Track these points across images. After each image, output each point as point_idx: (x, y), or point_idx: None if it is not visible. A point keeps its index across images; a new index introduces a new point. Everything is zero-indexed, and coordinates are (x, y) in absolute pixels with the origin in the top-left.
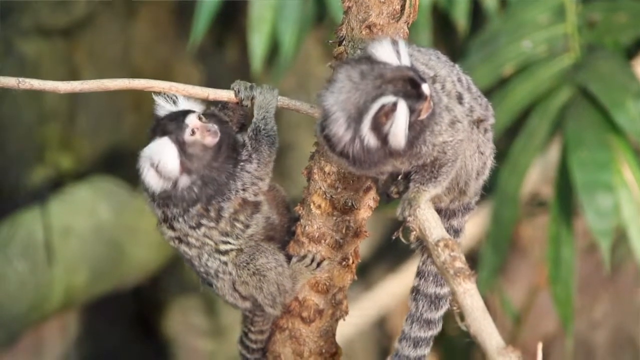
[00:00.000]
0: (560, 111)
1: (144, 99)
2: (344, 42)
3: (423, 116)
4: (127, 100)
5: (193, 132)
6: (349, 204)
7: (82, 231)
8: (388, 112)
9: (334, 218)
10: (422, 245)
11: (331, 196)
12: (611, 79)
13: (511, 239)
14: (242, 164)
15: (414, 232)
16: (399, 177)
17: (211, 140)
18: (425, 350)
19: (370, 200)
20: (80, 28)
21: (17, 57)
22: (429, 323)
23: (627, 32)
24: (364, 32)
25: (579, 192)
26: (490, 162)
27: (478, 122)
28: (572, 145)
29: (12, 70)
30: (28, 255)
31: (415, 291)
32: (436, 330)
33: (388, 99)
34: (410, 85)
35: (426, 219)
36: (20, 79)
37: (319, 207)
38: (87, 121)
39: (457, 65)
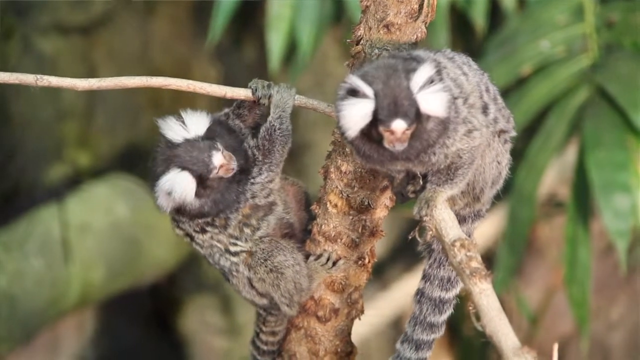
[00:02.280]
0: (578, 111)
1: (162, 97)
2: (362, 41)
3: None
4: (144, 98)
5: (217, 171)
6: (366, 203)
7: (99, 228)
8: None
9: (350, 217)
10: (429, 248)
11: (347, 195)
12: (629, 80)
13: (528, 239)
14: (252, 180)
15: (431, 232)
16: (416, 177)
17: (230, 173)
18: (427, 354)
19: (386, 199)
20: (99, 26)
21: (36, 54)
22: (432, 326)
23: None
24: (381, 32)
25: (596, 192)
26: (505, 173)
27: (500, 132)
28: (589, 145)
29: (30, 68)
30: (45, 253)
31: (419, 294)
32: (439, 333)
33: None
34: None
35: (443, 219)
36: (38, 76)
37: (336, 206)
38: (105, 119)
39: (486, 75)
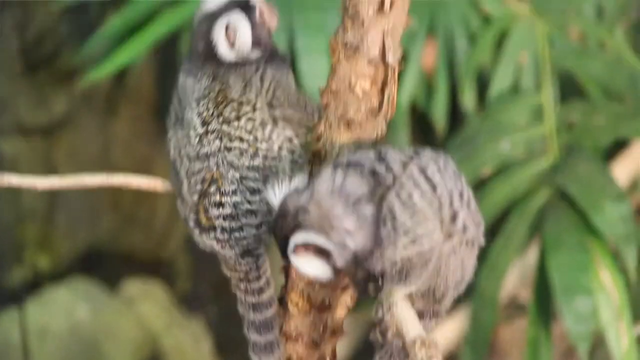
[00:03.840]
0: (538, 213)
1: (123, 198)
2: (322, 138)
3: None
4: (105, 199)
5: (261, 14)
6: (327, 302)
7: (59, 332)
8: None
9: (311, 316)
10: (381, 344)
11: (309, 294)
12: (590, 181)
13: (490, 342)
14: None
15: (391, 330)
16: (376, 277)
17: (274, 24)
18: None
19: (347, 298)
20: (60, 127)
21: None
22: None
23: (605, 134)
24: (342, 128)
25: (557, 295)
26: (469, 278)
27: (468, 241)
28: (550, 247)
29: None
30: (5, 358)
31: None
32: None
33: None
34: None
35: (404, 317)
36: None
37: (297, 305)
38: (65, 221)
39: (463, 178)
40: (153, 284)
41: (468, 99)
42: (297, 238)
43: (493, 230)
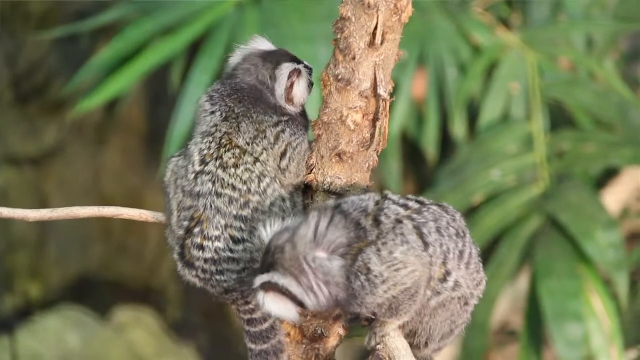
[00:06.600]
0: (529, 240)
1: (113, 227)
2: (314, 169)
3: None
4: (95, 228)
5: (310, 86)
6: (319, 331)
7: None
8: None
9: (303, 346)
10: None
11: (301, 324)
12: (580, 209)
13: None
14: None
15: None
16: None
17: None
18: None
19: (339, 328)
20: (50, 156)
21: None
22: None
23: (595, 162)
24: (333, 160)
25: (548, 321)
26: (459, 331)
27: (460, 297)
28: (541, 274)
29: None
30: None
31: None
32: None
33: None
34: None
35: (396, 347)
36: None
37: (289, 334)
38: (56, 250)
39: (468, 236)
40: (143, 311)
41: (458, 128)
42: (262, 277)
43: (484, 257)
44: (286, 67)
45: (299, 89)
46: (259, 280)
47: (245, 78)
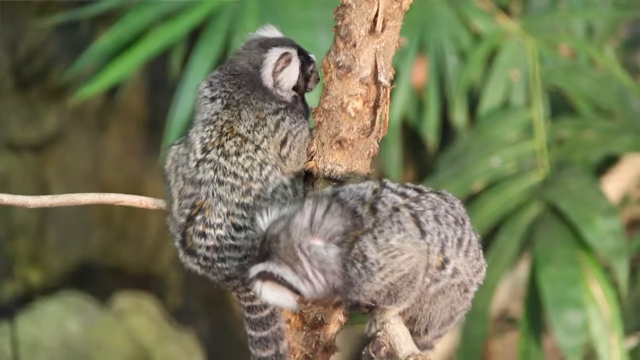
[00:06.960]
0: (529, 227)
1: (114, 213)
2: (315, 157)
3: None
4: (96, 215)
5: (312, 71)
6: (319, 318)
7: (51, 346)
8: None
9: (304, 333)
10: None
11: (301, 310)
12: (580, 196)
13: (481, 355)
14: None
15: (384, 347)
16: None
17: (314, 86)
18: None
19: (340, 315)
20: (51, 143)
21: None
22: None
23: (595, 149)
24: (334, 147)
25: (548, 308)
26: (460, 317)
27: (460, 285)
28: (541, 261)
29: None
30: None
31: None
32: None
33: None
34: None
35: (396, 334)
36: None
37: (289, 321)
38: (56, 236)
39: (468, 223)
40: (144, 298)
41: (459, 115)
42: (258, 267)
43: (484, 244)
44: (275, 52)
45: (288, 74)
46: (255, 270)
47: (240, 62)
